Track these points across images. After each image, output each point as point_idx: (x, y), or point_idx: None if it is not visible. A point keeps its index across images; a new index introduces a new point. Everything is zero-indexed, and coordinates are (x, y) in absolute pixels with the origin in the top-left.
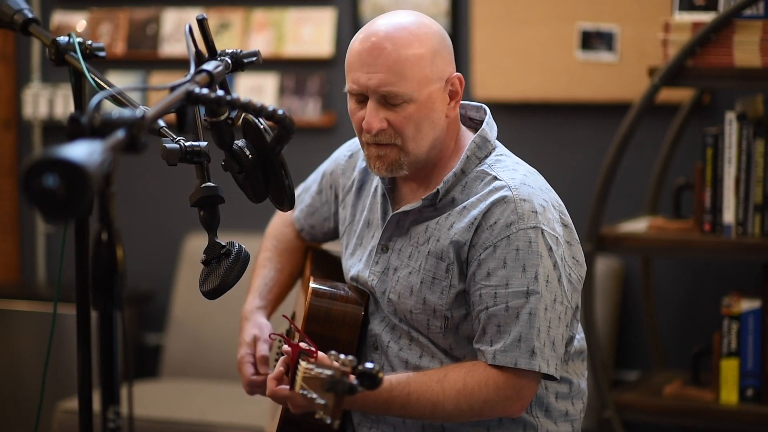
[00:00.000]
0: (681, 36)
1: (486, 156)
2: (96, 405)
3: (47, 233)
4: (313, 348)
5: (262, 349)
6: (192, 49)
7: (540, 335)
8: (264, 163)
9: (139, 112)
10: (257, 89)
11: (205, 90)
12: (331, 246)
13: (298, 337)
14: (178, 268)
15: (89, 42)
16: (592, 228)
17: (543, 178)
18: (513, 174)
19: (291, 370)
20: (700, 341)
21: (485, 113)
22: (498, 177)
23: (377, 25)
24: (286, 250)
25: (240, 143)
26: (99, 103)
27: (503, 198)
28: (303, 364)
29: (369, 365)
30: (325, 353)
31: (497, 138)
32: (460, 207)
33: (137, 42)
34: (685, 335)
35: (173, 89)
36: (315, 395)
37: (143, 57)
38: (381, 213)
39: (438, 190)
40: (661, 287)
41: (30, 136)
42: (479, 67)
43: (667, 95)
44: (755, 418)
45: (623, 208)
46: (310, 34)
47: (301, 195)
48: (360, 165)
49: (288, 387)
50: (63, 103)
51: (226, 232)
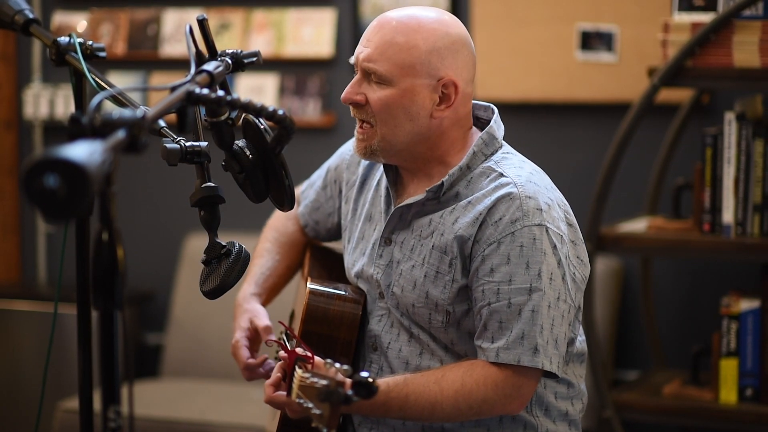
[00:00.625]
0: (680, 36)
1: (492, 153)
2: (97, 404)
3: (48, 233)
4: (310, 354)
5: (263, 321)
6: (192, 50)
7: (543, 333)
8: (264, 164)
9: (140, 112)
10: (257, 89)
11: (206, 90)
12: (331, 244)
13: (295, 342)
14: (178, 267)
15: (90, 42)
16: (591, 228)
17: (548, 177)
18: (519, 171)
19: (288, 376)
20: (699, 341)
21: (493, 113)
22: (504, 173)
23: (398, 9)
24: (286, 243)
25: (240, 143)
26: (99, 104)
27: (509, 194)
28: (299, 372)
29: (364, 374)
30: (323, 358)
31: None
32: (464, 202)
33: (138, 42)
34: (685, 335)
35: (174, 89)
36: (311, 404)
37: (144, 57)
38: (384, 206)
39: (443, 182)
40: (661, 287)
41: (31, 136)
42: (479, 68)
43: (667, 95)
44: (754, 417)
45: (623, 208)
46: (310, 34)
47: (306, 191)
48: (364, 161)
49: (285, 393)
50: (64, 104)
51: (226, 232)
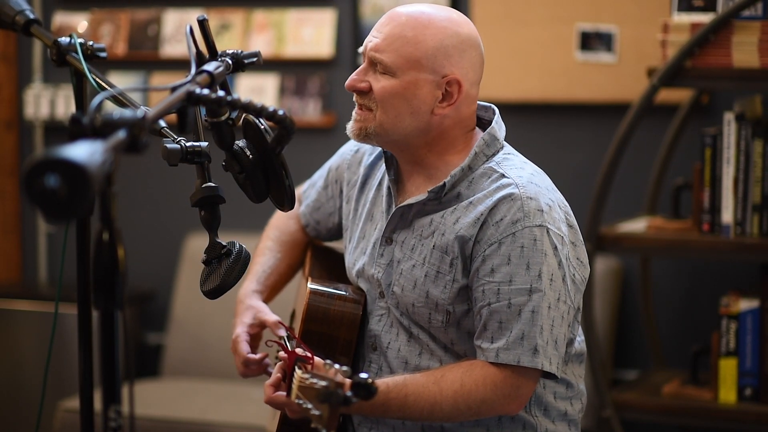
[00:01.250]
0: (680, 37)
1: (494, 154)
2: (97, 404)
3: (49, 233)
4: (309, 354)
5: (272, 316)
6: (193, 50)
7: (543, 333)
8: (264, 164)
9: (140, 112)
10: (258, 90)
11: (206, 90)
12: (332, 243)
13: (294, 343)
14: (178, 267)
15: (90, 43)
16: (591, 228)
17: (549, 178)
18: (520, 172)
19: (287, 376)
20: (698, 341)
21: (494, 113)
22: (505, 174)
23: (411, 5)
24: (287, 241)
25: (240, 143)
26: (100, 104)
27: (510, 195)
28: (298, 372)
29: (363, 375)
30: (324, 357)
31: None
32: (466, 202)
33: (138, 43)
34: (684, 335)
35: (174, 90)
36: (310, 405)
37: (144, 58)
38: (385, 206)
39: (445, 183)
40: (660, 287)
41: (31, 136)
42: None
43: (666, 96)
44: (754, 417)
45: (622, 208)
46: (310, 34)
47: (307, 191)
48: (366, 161)
49: (285, 393)
50: (64, 104)
51: (226, 232)
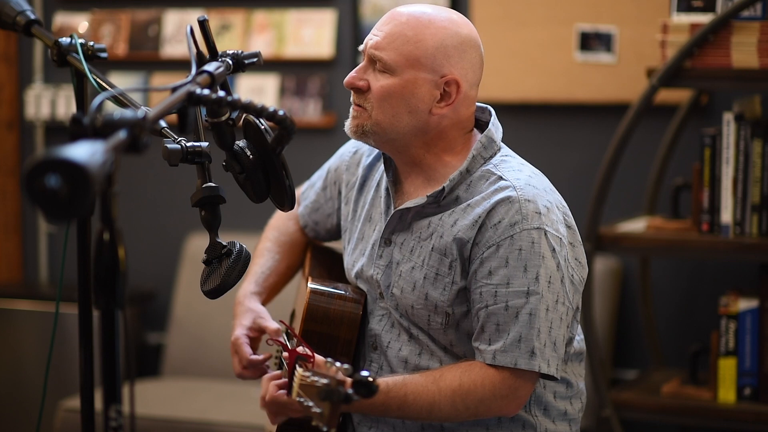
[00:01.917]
0: (679, 37)
1: (491, 156)
2: (98, 404)
3: (49, 233)
4: (310, 353)
5: (272, 324)
6: (193, 50)
7: (540, 335)
8: (265, 164)
9: (141, 112)
10: (258, 90)
11: (207, 91)
12: (332, 243)
13: (295, 341)
14: (179, 267)
15: (91, 43)
16: (590, 228)
17: (547, 179)
18: (518, 174)
19: (288, 375)
20: (698, 340)
21: (490, 114)
22: (503, 177)
23: (412, 5)
24: (286, 242)
25: (241, 144)
26: (101, 104)
27: (508, 198)
28: (299, 371)
29: (364, 373)
30: (323, 357)
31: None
32: (464, 205)
33: (139, 43)
34: (683, 334)
35: (175, 90)
36: (311, 403)
37: (145, 58)
38: (384, 207)
39: (444, 187)
40: (660, 287)
41: (32, 136)
42: None
43: (665, 96)
44: (753, 416)
45: (622, 208)
46: (310, 35)
47: (306, 192)
48: (364, 162)
49: (285, 392)
50: (65, 104)
51: (227, 232)
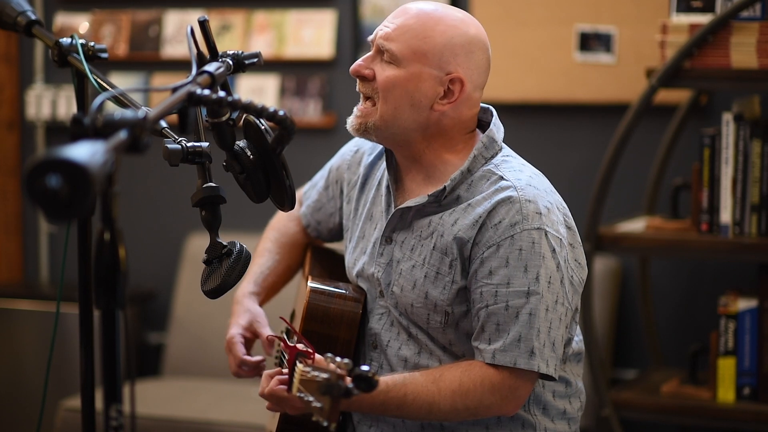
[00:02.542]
0: (678, 37)
1: (492, 156)
2: (98, 403)
3: (50, 233)
4: (311, 350)
5: (267, 331)
6: (194, 51)
7: (540, 336)
8: (265, 164)
9: (141, 113)
10: (258, 90)
11: (207, 91)
12: (333, 244)
13: (295, 339)
14: (179, 267)
15: (92, 43)
16: (590, 228)
17: (548, 180)
18: (519, 175)
19: (288, 371)
20: (697, 340)
21: (492, 114)
22: (504, 177)
23: (424, 2)
24: (287, 243)
25: (241, 144)
26: (101, 104)
27: (509, 198)
28: (300, 366)
29: (365, 368)
30: (323, 354)
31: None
32: (464, 204)
33: (139, 43)
34: (683, 334)
35: (175, 90)
36: (312, 398)
37: (145, 58)
38: (384, 205)
39: (445, 187)
40: (659, 287)
41: (33, 136)
42: None
43: (665, 96)
44: (752, 416)
45: (621, 208)
46: (310, 35)
47: (309, 191)
48: (365, 160)
49: (285, 388)
50: (66, 104)
51: (227, 231)
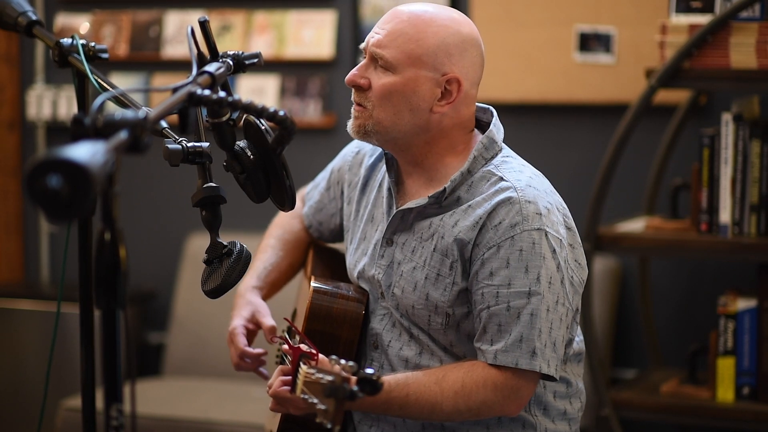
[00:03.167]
0: (678, 38)
1: (492, 157)
2: (99, 403)
3: (51, 233)
4: (314, 351)
5: (268, 321)
6: (194, 51)
7: (541, 336)
8: (265, 164)
9: (142, 113)
10: (258, 90)
11: (207, 91)
12: (335, 244)
13: (298, 339)
14: (180, 267)
15: (92, 44)
16: (589, 228)
17: (548, 181)
18: (519, 176)
19: (292, 372)
20: (696, 340)
21: (492, 115)
22: (504, 178)
23: (414, 3)
24: (290, 240)
25: (241, 144)
26: (102, 105)
27: (509, 199)
28: (304, 368)
29: (369, 371)
30: (327, 355)
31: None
32: (465, 205)
33: (140, 44)
34: (682, 334)
35: (175, 91)
36: (316, 400)
37: (146, 59)
38: (386, 207)
39: (445, 188)
40: (658, 286)
41: (34, 136)
42: None
43: (664, 96)
44: (751, 416)
45: (621, 208)
46: (310, 36)
47: (311, 192)
48: (366, 162)
49: (289, 389)
50: (66, 105)
51: (227, 231)
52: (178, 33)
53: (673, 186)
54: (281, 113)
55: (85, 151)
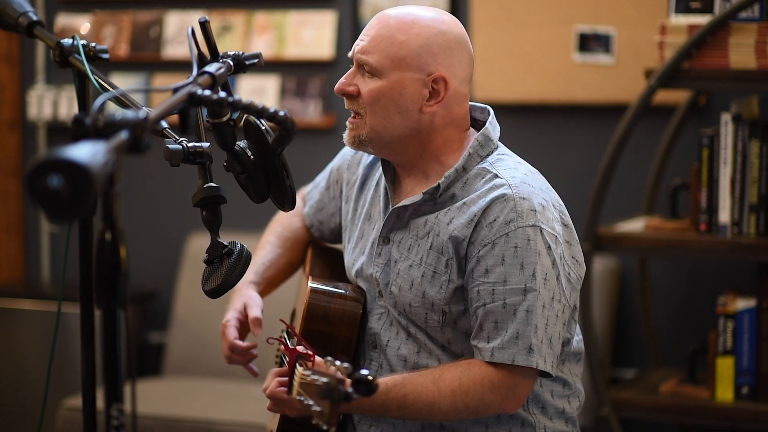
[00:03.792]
0: (677, 38)
1: (488, 154)
2: (99, 402)
3: (51, 233)
4: (311, 352)
5: (255, 312)
6: (194, 52)
7: (537, 332)
8: (265, 164)
9: (143, 113)
10: (259, 91)
11: (208, 92)
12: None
13: (295, 340)
14: (180, 267)
15: (93, 44)
16: (589, 228)
17: (544, 178)
18: (513, 173)
19: (288, 374)
20: (696, 340)
21: (489, 114)
22: (499, 175)
23: (398, 8)
24: (289, 238)
25: (242, 144)
26: (103, 105)
27: (503, 196)
28: (300, 369)
29: (364, 372)
30: (324, 355)
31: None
32: (459, 203)
33: (140, 44)
34: (682, 334)
35: (176, 91)
36: (311, 402)
37: (146, 59)
38: (383, 206)
39: (439, 184)
40: (658, 286)
41: (34, 137)
42: (478, 69)
43: (664, 97)
44: (750, 415)
45: (620, 208)
46: (310, 36)
47: (311, 192)
48: (364, 161)
49: (286, 390)
50: (67, 105)
51: (228, 231)
52: (178, 33)
53: (673, 186)
54: (281, 113)
55: (86, 152)
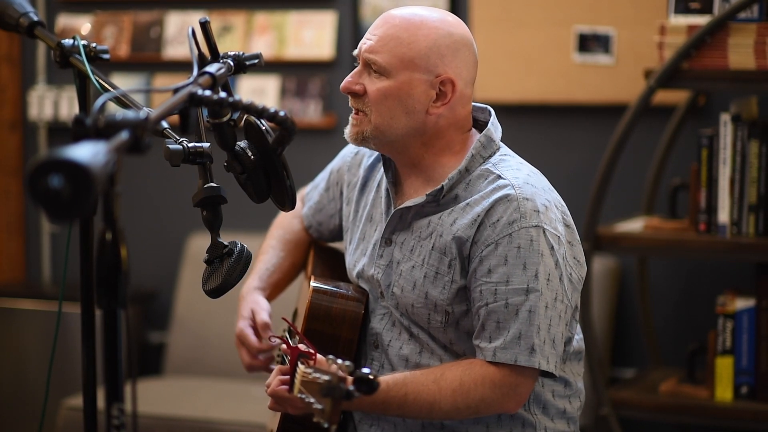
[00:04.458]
0: (676, 39)
1: (490, 155)
2: (100, 402)
3: (52, 233)
4: (312, 350)
5: (263, 317)
6: (195, 52)
7: (540, 333)
8: (266, 164)
9: (143, 113)
10: (259, 91)
11: (208, 92)
12: (335, 243)
13: (297, 339)
14: (181, 267)
15: (94, 44)
16: (588, 228)
17: (546, 178)
18: (516, 173)
19: (290, 372)
20: (695, 339)
21: (490, 114)
22: (502, 176)
23: (404, 7)
24: (291, 241)
25: (242, 144)
26: (103, 105)
27: (506, 196)
28: (301, 367)
29: (365, 370)
30: (325, 355)
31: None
32: (463, 204)
33: (141, 44)
34: (681, 333)
35: (176, 91)
36: (313, 399)
37: (147, 59)
38: (384, 207)
39: (443, 186)
40: (657, 286)
41: (35, 137)
42: (478, 69)
43: (663, 97)
44: (750, 415)
45: (620, 208)
46: (311, 36)
47: (310, 193)
48: (365, 162)
49: (287, 388)
50: (68, 105)
51: (228, 231)
52: (179, 34)
53: (672, 186)
54: (281, 114)
55: (87, 152)
